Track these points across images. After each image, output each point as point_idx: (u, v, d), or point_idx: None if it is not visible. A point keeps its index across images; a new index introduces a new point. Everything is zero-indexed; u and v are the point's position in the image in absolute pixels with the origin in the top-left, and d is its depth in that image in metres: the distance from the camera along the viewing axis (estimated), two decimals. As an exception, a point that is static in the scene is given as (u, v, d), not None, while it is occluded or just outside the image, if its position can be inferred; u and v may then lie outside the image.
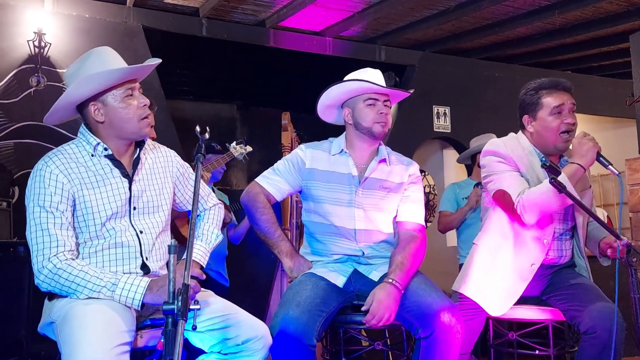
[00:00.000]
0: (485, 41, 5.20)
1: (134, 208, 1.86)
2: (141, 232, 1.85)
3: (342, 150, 2.29)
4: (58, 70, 3.98)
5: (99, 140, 1.81)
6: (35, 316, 2.72)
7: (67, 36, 4.03)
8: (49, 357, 3.07)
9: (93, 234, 1.78)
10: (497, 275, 2.27)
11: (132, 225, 1.84)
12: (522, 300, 2.33)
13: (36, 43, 3.88)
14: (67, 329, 1.59)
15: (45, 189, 1.72)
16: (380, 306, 1.99)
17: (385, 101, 2.26)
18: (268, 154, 7.26)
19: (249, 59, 5.31)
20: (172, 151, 2.06)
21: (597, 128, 6.97)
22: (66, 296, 1.71)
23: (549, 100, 2.23)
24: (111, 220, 1.80)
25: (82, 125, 1.87)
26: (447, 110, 5.25)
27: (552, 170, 2.00)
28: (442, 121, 5.22)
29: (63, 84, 3.97)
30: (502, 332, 2.36)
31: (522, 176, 2.22)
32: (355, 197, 2.24)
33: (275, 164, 2.34)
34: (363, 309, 2.05)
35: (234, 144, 3.37)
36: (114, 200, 1.80)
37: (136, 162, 1.89)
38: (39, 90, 3.89)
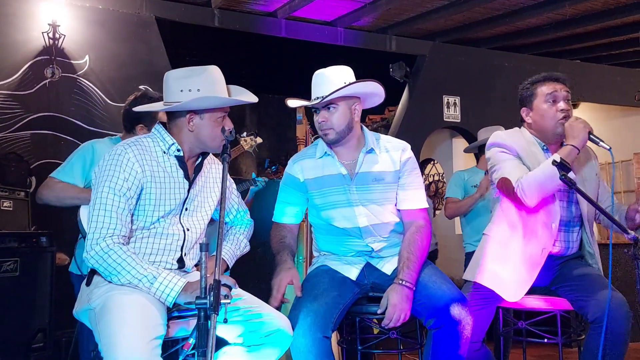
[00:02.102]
0: (495, 31, 5.20)
1: (186, 209, 2.00)
2: (188, 229, 1.99)
3: (326, 152, 2.27)
4: (72, 61, 4.02)
5: (174, 141, 1.96)
6: (58, 304, 2.83)
7: (81, 27, 4.07)
8: (70, 343, 3.18)
9: (148, 224, 1.91)
10: (510, 263, 2.33)
11: (180, 223, 1.98)
12: (531, 291, 2.39)
13: (50, 35, 3.92)
14: (106, 320, 1.67)
15: (120, 173, 1.85)
16: (395, 309, 2.04)
17: (326, 106, 2.19)
18: (277, 141, 7.32)
19: (260, 48, 5.34)
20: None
21: (605, 116, 6.97)
22: (106, 278, 1.80)
23: (543, 89, 2.34)
24: (166, 214, 1.93)
25: (159, 124, 2.02)
26: (457, 100, 5.27)
27: (563, 167, 2.05)
28: (452, 111, 5.24)
29: (78, 75, 4.03)
30: (512, 321, 2.43)
31: (523, 164, 2.29)
32: (351, 195, 2.23)
33: (279, 194, 2.38)
34: (379, 311, 2.10)
35: (244, 135, 3.39)
36: (174, 198, 1.94)
37: (198, 169, 2.04)
38: (53, 81, 3.94)
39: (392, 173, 2.26)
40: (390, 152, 2.28)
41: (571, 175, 2.08)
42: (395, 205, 2.29)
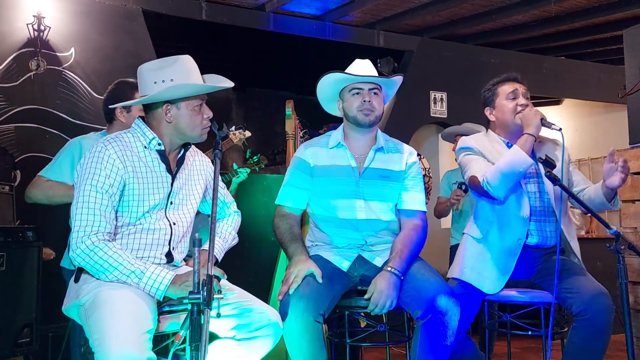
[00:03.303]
0: (482, 28, 5.24)
1: (171, 203, 1.99)
2: (174, 223, 1.99)
3: (339, 142, 2.34)
4: (57, 53, 3.98)
5: (154, 135, 1.95)
6: (45, 299, 2.82)
7: (67, 19, 4.02)
8: (57, 338, 3.16)
9: (133, 219, 1.91)
10: (488, 256, 2.43)
11: (167, 217, 1.98)
12: (515, 284, 2.45)
13: (35, 26, 3.86)
14: (97, 314, 1.67)
15: (102, 170, 1.83)
16: (382, 295, 2.08)
17: (371, 89, 2.29)
18: (264, 134, 7.31)
19: (248, 42, 5.32)
20: (207, 158, 2.22)
21: (589, 112, 7.07)
22: (94, 275, 1.80)
23: (505, 88, 2.50)
24: (151, 209, 1.93)
25: (139, 118, 2.01)
26: (444, 95, 5.31)
27: (548, 164, 2.15)
28: (439, 106, 5.28)
29: (63, 67, 3.99)
30: (497, 314, 2.48)
31: (489, 162, 2.41)
32: (357, 188, 2.29)
33: (286, 178, 2.38)
34: (365, 297, 2.13)
35: (232, 129, 3.39)
36: (157, 192, 1.94)
37: (180, 162, 2.03)
38: (38, 73, 3.89)
39: (397, 173, 2.34)
40: (399, 154, 2.38)
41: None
42: (396, 205, 2.35)
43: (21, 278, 2.75)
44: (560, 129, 2.29)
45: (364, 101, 2.27)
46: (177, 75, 1.90)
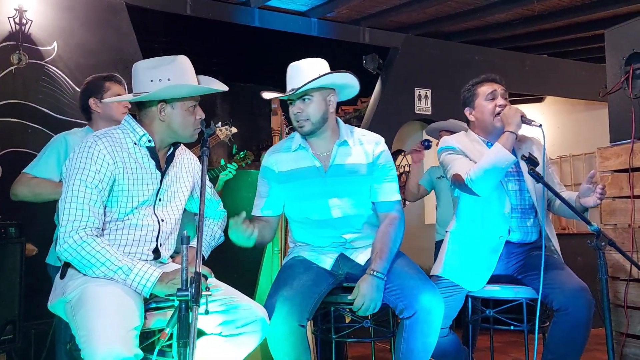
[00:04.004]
0: (466, 25, 5.27)
1: (160, 200, 2.00)
2: (162, 220, 1.99)
3: (300, 145, 2.29)
4: (40, 47, 3.92)
5: (145, 132, 1.95)
6: (28, 296, 2.79)
7: (49, 13, 3.96)
8: (41, 335, 3.14)
9: (121, 215, 1.91)
10: (470, 253, 2.47)
11: (155, 214, 1.98)
12: (498, 279, 2.49)
13: (17, 20, 3.80)
14: (83, 311, 1.67)
15: (91, 165, 1.83)
16: (365, 299, 2.09)
17: (301, 97, 2.20)
18: (250, 131, 7.28)
19: (233, 37, 5.30)
20: (195, 157, 2.23)
21: (570, 110, 7.16)
22: (81, 271, 1.79)
23: (484, 89, 2.54)
24: (140, 205, 1.93)
25: (129, 115, 2.01)
26: (429, 92, 5.34)
27: (531, 162, 2.20)
28: (424, 103, 5.31)
29: (46, 62, 3.93)
30: (480, 309, 2.52)
31: (470, 160, 2.44)
32: (325, 187, 2.26)
33: (257, 188, 2.36)
34: (349, 298, 2.14)
35: (219, 125, 3.38)
36: (146, 189, 1.94)
37: (170, 159, 2.04)
38: (20, 68, 3.83)
39: (365, 166, 2.29)
40: (364, 145, 2.32)
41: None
42: (370, 197, 2.33)
43: (4, 275, 2.72)
44: (540, 125, 2.34)
45: (295, 113, 2.23)
46: (173, 74, 1.91)
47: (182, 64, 1.96)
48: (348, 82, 2.28)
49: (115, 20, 4.19)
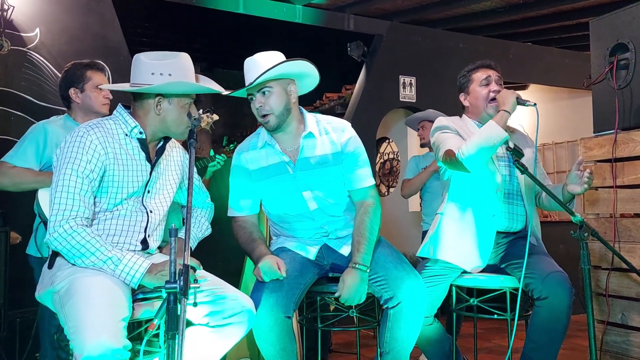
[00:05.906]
0: (451, 13, 5.27)
1: (148, 191, 2.01)
2: (151, 211, 2.00)
3: (266, 142, 2.27)
4: (22, 34, 3.85)
5: (137, 124, 1.96)
6: (12, 285, 2.77)
7: (31, -2, 3.90)
8: (26, 323, 3.12)
9: (111, 206, 1.91)
10: (467, 234, 2.48)
11: (143, 205, 1.99)
12: (483, 269, 2.52)
13: (-2, 5, 3.75)
14: (72, 302, 1.67)
15: (83, 155, 1.83)
16: (350, 292, 2.10)
17: (261, 90, 2.17)
18: (232, 117, 7.24)
19: (216, 23, 5.24)
20: (185, 151, 2.23)
21: (553, 97, 7.23)
22: (70, 260, 1.79)
23: (478, 75, 2.59)
24: (129, 196, 1.94)
25: (121, 106, 2.00)
26: (413, 80, 5.35)
27: (516, 153, 2.25)
28: (408, 91, 5.32)
29: (28, 48, 3.87)
30: (464, 298, 2.55)
31: (463, 139, 2.45)
32: (296, 182, 2.25)
33: (231, 187, 2.34)
34: (336, 295, 2.15)
35: (200, 112, 3.34)
36: (136, 180, 1.95)
37: (160, 152, 2.04)
38: (2, 54, 3.76)
39: (333, 155, 2.27)
40: (331, 134, 2.29)
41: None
42: (345, 186, 2.32)
43: (-13, 264, 2.69)
44: (535, 104, 2.37)
45: (257, 108, 2.19)
46: (175, 70, 1.92)
47: (184, 61, 1.98)
48: (305, 70, 2.23)
49: (99, 7, 4.12)
